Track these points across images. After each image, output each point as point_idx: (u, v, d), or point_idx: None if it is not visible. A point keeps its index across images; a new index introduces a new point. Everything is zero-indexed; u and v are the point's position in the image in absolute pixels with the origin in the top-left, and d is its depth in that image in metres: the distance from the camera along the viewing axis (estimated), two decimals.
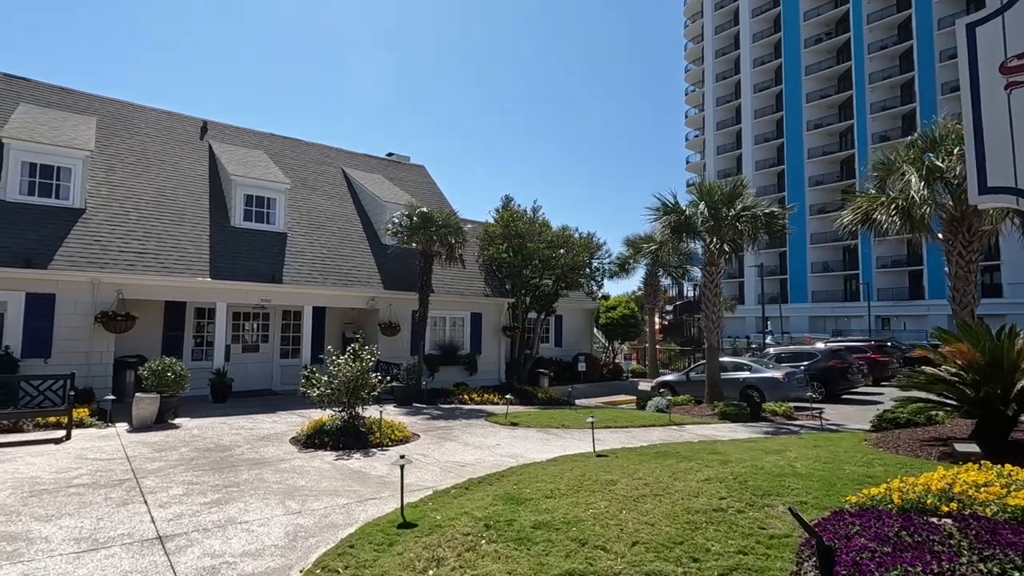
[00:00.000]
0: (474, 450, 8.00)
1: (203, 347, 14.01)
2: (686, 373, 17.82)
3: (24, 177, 11.76)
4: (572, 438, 9.16)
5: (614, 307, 23.38)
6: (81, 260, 11.25)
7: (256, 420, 10.28)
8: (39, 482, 5.84)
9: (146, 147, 15.40)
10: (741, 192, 13.34)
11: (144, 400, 9.21)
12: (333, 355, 8.59)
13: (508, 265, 16.85)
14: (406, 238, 14.33)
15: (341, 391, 8.35)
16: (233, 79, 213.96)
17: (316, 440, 8.03)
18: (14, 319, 10.50)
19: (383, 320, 14.99)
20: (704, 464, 6.49)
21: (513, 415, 11.22)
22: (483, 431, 9.66)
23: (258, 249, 14.02)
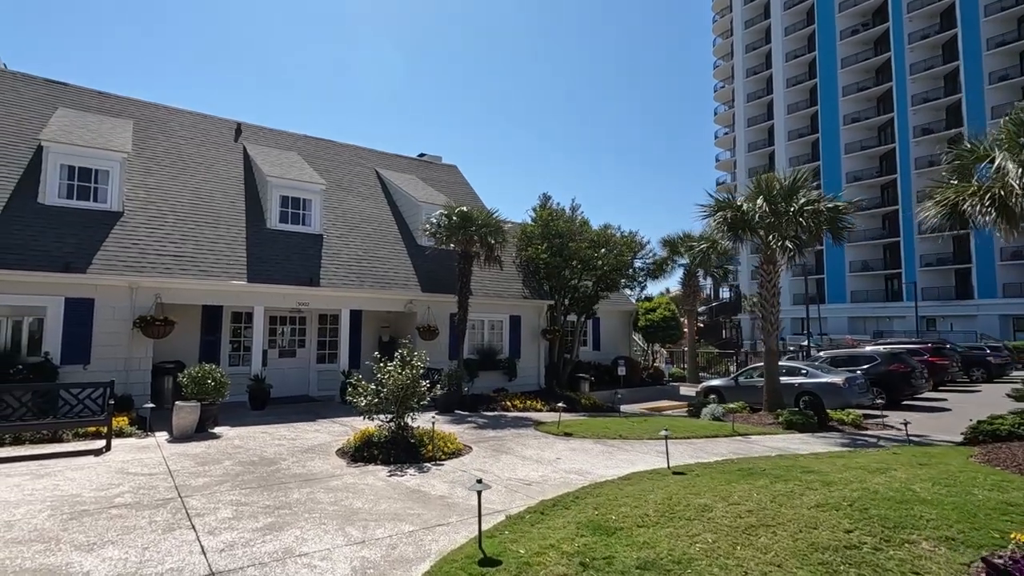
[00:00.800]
0: (534, 465, 7.37)
1: (240, 352, 13.70)
2: (734, 378, 16.92)
3: (63, 180, 11.58)
4: (635, 451, 8.47)
5: (653, 309, 22.53)
6: (119, 264, 11.00)
7: (297, 429, 9.84)
8: (79, 501, 5.41)
9: (181, 149, 15.22)
10: (803, 185, 12.47)
11: (184, 409, 8.83)
12: (380, 362, 8.07)
13: (548, 266, 16.20)
14: (445, 238, 13.81)
15: (390, 400, 7.82)
16: (238, 76, 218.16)
17: (365, 453, 7.50)
18: (53, 324, 10.27)
19: (421, 323, 14.49)
20: (804, 486, 5.75)
21: (565, 424, 10.57)
22: (537, 442, 9.03)
23: (294, 251, 13.66)
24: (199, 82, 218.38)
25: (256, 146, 16.76)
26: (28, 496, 5.54)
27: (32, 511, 5.09)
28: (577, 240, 15.89)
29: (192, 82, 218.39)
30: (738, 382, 16.47)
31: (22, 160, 12.15)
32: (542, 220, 16.58)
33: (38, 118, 13.37)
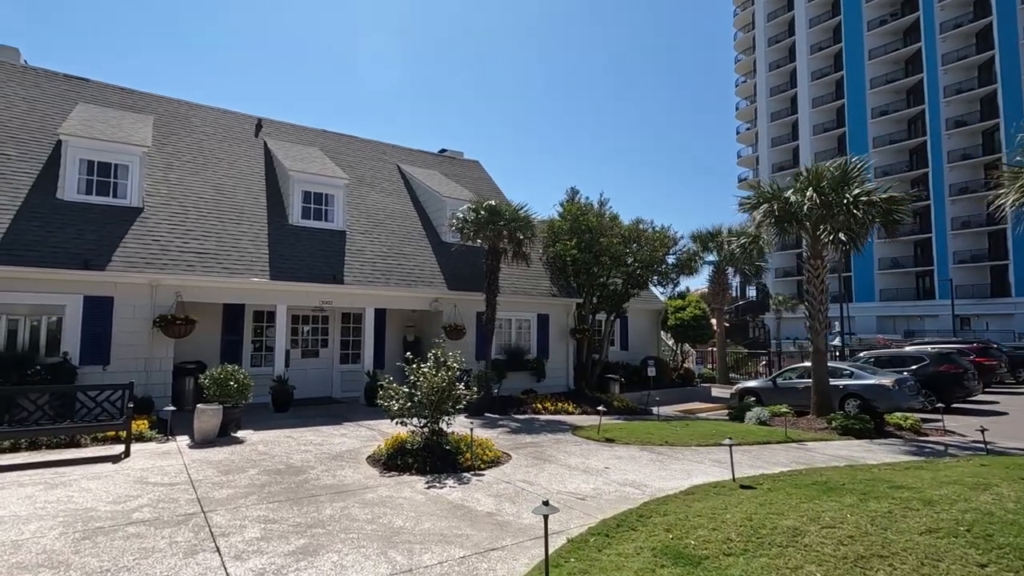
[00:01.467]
0: (582, 475, 6.76)
1: (262, 352, 13.29)
2: (772, 379, 16.10)
3: (82, 175, 11.25)
4: (687, 459, 7.81)
5: (683, 307, 21.73)
6: (140, 261, 10.62)
7: (323, 433, 9.34)
8: (94, 516, 4.92)
9: (202, 145, 14.88)
10: (855, 175, 11.66)
11: (206, 412, 8.38)
12: (412, 362, 7.52)
13: (577, 262, 15.57)
14: (473, 233, 13.25)
15: (423, 404, 7.26)
16: (249, 68, 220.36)
17: (398, 461, 6.95)
18: (72, 324, 9.91)
19: (448, 322, 13.95)
20: (903, 506, 5.05)
21: (605, 429, 9.93)
22: (578, 449, 8.42)
23: (318, 248, 13.21)
24: (214, 78, 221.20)
25: (277, 141, 16.37)
26: (40, 510, 5.08)
27: (43, 528, 4.62)
28: (608, 235, 15.22)
29: (208, 78, 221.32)
30: (776, 384, 15.66)
31: (41, 155, 11.86)
32: (571, 215, 15.95)
33: (59, 114, 13.10)
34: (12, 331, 9.64)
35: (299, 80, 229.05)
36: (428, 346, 15.02)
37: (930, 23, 50.55)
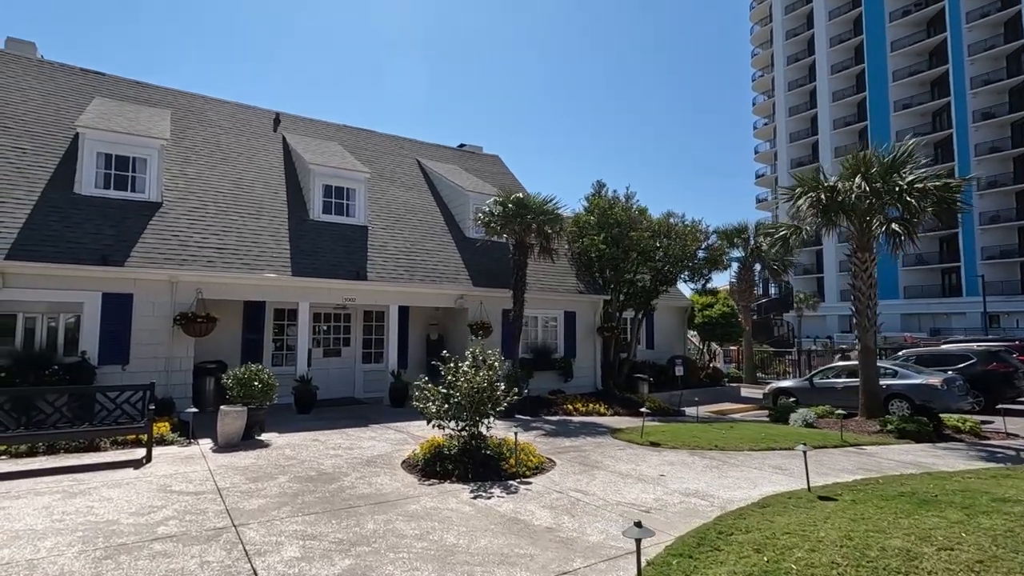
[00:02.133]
0: (637, 483, 6.21)
1: (283, 351, 12.89)
2: (808, 379, 15.42)
3: (99, 169, 10.90)
4: (745, 465, 7.23)
5: (710, 304, 21.07)
6: (159, 257, 10.24)
7: (351, 436, 8.88)
8: (117, 531, 4.47)
9: (220, 139, 14.52)
10: (907, 160, 10.98)
11: (230, 414, 7.94)
12: (450, 361, 7.03)
13: (606, 258, 15.01)
14: (500, 227, 12.75)
15: (462, 406, 6.76)
16: (265, 68, 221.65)
17: (437, 467, 6.46)
18: (90, 322, 9.54)
19: (474, 320, 13.45)
20: (1019, 521, 4.46)
21: (648, 432, 9.36)
22: (624, 454, 7.87)
23: (339, 244, 12.78)
24: (231, 71, 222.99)
25: (296, 136, 15.99)
26: (58, 523, 4.64)
27: (61, 545, 4.17)
28: (638, 229, 14.64)
29: (224, 71, 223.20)
30: (813, 383, 15.00)
31: (58, 149, 11.53)
32: (599, 208, 15.38)
33: (75, 108, 12.79)
34: (29, 330, 9.29)
35: (316, 76, 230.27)
36: (452, 345, 14.59)
37: (955, 13, 49.18)
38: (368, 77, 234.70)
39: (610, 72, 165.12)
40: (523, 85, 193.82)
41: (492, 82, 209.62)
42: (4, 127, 11.34)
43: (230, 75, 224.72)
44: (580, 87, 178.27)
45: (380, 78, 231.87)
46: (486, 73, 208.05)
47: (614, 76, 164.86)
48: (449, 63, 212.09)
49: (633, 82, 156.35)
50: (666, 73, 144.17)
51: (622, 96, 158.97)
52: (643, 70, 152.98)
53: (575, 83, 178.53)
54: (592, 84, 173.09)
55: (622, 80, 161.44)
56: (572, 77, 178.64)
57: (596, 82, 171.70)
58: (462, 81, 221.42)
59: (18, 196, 10.00)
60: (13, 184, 10.16)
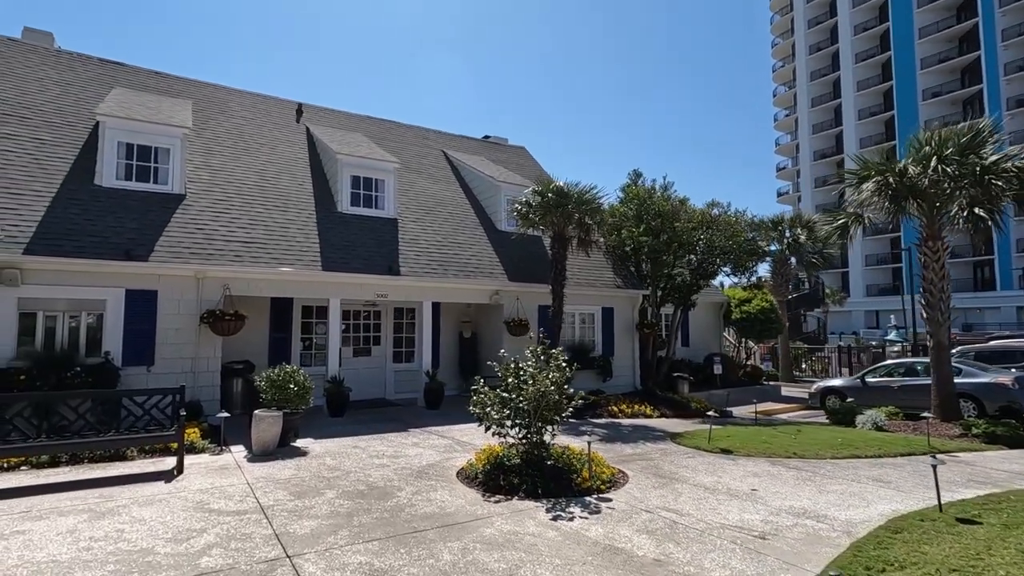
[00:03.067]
0: (729, 500, 5.46)
1: (311, 351, 12.27)
2: (860, 377, 14.55)
3: (120, 160, 10.33)
4: (839, 477, 6.45)
5: (748, 299, 20.14)
6: (184, 251, 9.65)
7: (392, 443, 8.22)
8: (153, 564, 3.82)
9: (242, 130, 13.93)
10: (985, 140, 10.07)
11: (265, 420, 7.31)
12: (512, 361, 6.33)
13: (646, 251, 14.21)
14: (539, 218, 12.01)
15: (524, 411, 6.06)
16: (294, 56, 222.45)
17: (500, 481, 5.76)
18: (113, 320, 8.97)
19: (510, 317, 12.74)
20: None
21: (716, 438, 8.59)
22: (697, 463, 7.12)
23: (369, 237, 12.12)
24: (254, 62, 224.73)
25: (319, 127, 15.38)
26: (85, 552, 4.01)
27: None
28: (682, 220, 13.83)
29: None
30: (865, 382, 14.15)
31: (77, 140, 10.99)
32: (637, 199, 14.58)
33: (94, 98, 12.24)
34: (50, 328, 8.73)
35: (333, 67, 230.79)
36: (486, 343, 13.92)
37: None
38: (385, 71, 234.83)
39: (623, 67, 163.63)
40: (532, 74, 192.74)
41: (508, 74, 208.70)
42: (22, 117, 10.82)
43: (248, 69, 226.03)
44: (592, 85, 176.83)
45: (393, 72, 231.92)
46: (502, 64, 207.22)
47: (627, 71, 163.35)
48: (467, 55, 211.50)
49: (647, 74, 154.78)
50: (679, 63, 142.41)
51: (635, 90, 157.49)
52: (656, 59, 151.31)
53: (588, 78, 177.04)
54: (604, 84, 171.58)
55: (635, 74, 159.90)
56: (584, 71, 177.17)
57: (608, 80, 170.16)
58: (481, 73, 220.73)
59: (37, 188, 9.45)
60: (32, 176, 9.62)
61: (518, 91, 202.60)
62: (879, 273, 55.43)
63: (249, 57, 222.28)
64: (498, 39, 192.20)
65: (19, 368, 8.02)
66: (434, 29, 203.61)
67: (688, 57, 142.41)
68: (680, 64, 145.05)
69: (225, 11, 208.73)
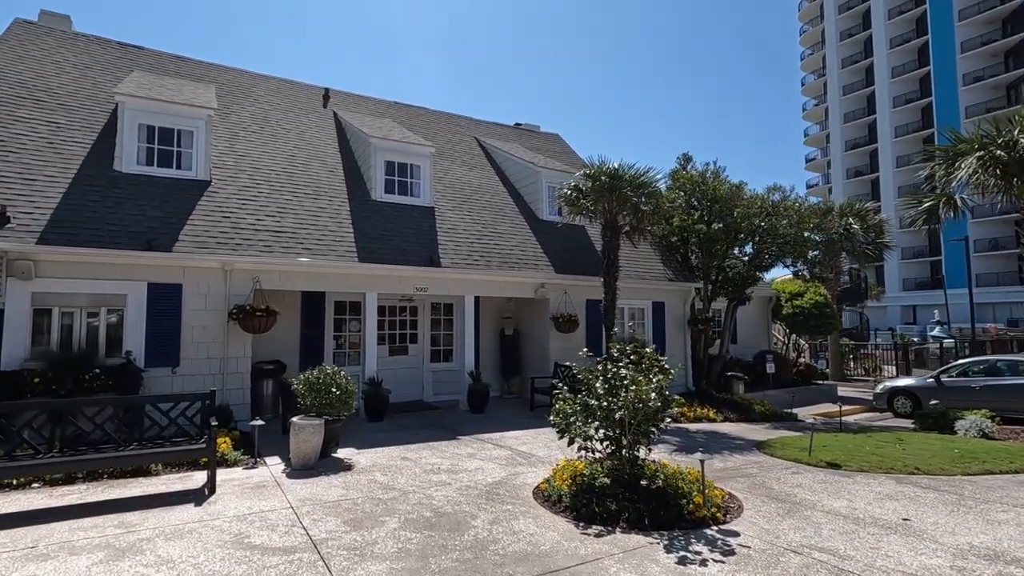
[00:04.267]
0: (885, 535, 4.40)
1: (344, 349, 11.39)
2: (935, 377, 13.30)
3: (141, 143, 9.52)
4: (994, 500, 5.34)
5: (799, 293, 18.87)
6: (210, 241, 8.80)
7: (444, 453, 7.27)
8: None
9: (268, 115, 13.10)
10: None
11: (306, 429, 6.40)
12: (604, 361, 5.34)
13: (702, 239, 13.11)
14: (591, 204, 10.98)
15: (623, 422, 5.06)
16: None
17: (594, 507, 4.76)
18: (135, 317, 8.15)
19: (558, 312, 11.74)
20: None
21: (805, 446, 7.50)
22: (808, 481, 6.05)
23: (406, 226, 11.20)
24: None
25: (348, 112, 14.51)
26: None
27: None
28: (743, 206, 12.69)
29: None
30: (941, 382, 12.91)
31: (95, 124, 10.22)
32: (690, 183, 13.46)
33: (113, 81, 11.48)
34: (66, 326, 7.94)
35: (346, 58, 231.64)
36: (529, 341, 12.93)
37: None
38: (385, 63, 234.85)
39: (648, 54, 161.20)
40: (543, 61, 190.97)
41: (530, 59, 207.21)
42: (36, 100, 10.08)
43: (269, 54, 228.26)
44: (617, 74, 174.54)
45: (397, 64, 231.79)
46: (522, 51, 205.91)
47: (650, 59, 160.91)
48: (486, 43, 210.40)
49: (673, 62, 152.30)
50: (706, 53, 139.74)
51: (664, 77, 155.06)
52: (670, 55, 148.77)
53: (602, 69, 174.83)
54: (619, 77, 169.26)
55: (664, 61, 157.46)
56: (599, 62, 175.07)
57: (631, 71, 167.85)
58: (506, 57, 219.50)
59: (51, 174, 8.67)
60: (45, 160, 8.84)
61: (516, 85, 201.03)
62: (916, 267, 53.35)
63: (271, 44, 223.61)
64: (486, 35, 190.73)
65: (33, 370, 7.24)
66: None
67: (711, 46, 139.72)
68: (698, 61, 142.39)
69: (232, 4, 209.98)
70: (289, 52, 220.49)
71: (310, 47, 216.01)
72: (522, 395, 12.67)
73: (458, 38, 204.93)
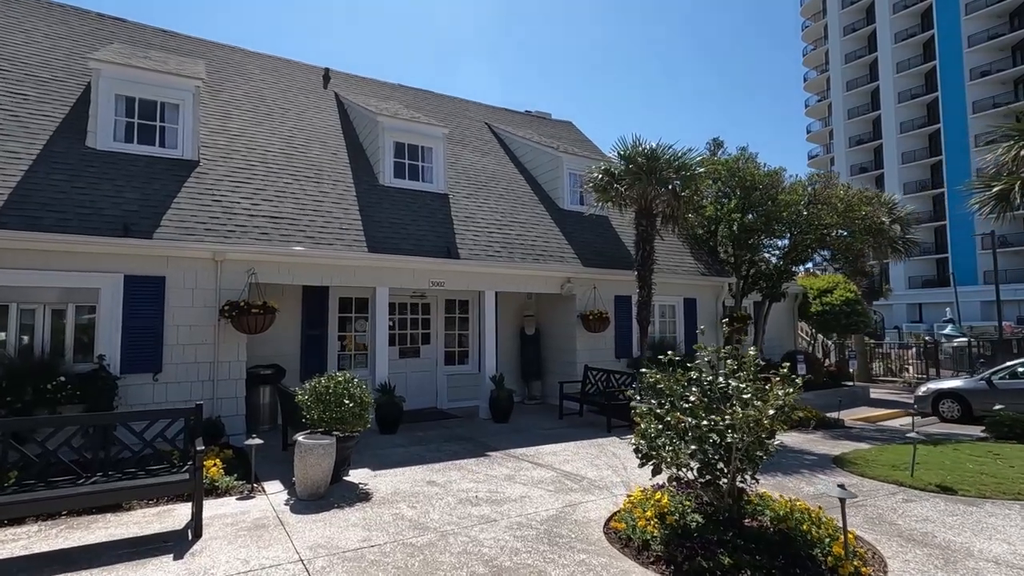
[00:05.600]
0: None
1: (349, 352, 10.22)
2: (986, 379, 12.30)
3: (120, 117, 8.32)
4: None
5: (829, 289, 17.84)
6: (198, 227, 7.62)
7: (476, 475, 6.13)
8: None
9: (264, 94, 11.91)
10: None
11: (313, 452, 5.23)
12: (704, 364, 4.23)
13: (738, 230, 12.04)
14: (625, 188, 9.86)
15: (731, 447, 3.94)
16: None
17: (699, 561, 3.64)
18: (108, 315, 6.96)
19: (587, 309, 10.62)
20: None
21: (896, 464, 6.40)
22: (930, 512, 4.95)
23: (420, 215, 10.05)
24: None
25: (350, 93, 13.33)
26: None
27: None
28: (787, 192, 11.62)
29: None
30: (993, 384, 11.92)
31: (68, 97, 9.01)
32: (726, 170, 12.38)
33: (90, 52, 10.25)
34: (27, 326, 6.74)
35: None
36: (552, 341, 11.73)
37: None
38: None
39: (651, 48, 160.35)
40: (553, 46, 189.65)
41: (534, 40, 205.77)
42: (0, 70, 8.85)
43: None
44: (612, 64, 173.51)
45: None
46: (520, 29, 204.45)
47: (652, 53, 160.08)
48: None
49: (669, 62, 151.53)
50: (704, 51, 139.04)
51: (659, 75, 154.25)
52: (680, 45, 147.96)
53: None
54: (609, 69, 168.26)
55: (658, 57, 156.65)
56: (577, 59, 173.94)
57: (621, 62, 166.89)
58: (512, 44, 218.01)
59: (13, 149, 7.45)
60: (7, 134, 7.62)
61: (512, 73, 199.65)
62: (922, 264, 52.61)
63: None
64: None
65: None
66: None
67: (709, 44, 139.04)
68: (702, 51, 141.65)
69: None
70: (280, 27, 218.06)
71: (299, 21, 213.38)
72: (544, 401, 11.56)
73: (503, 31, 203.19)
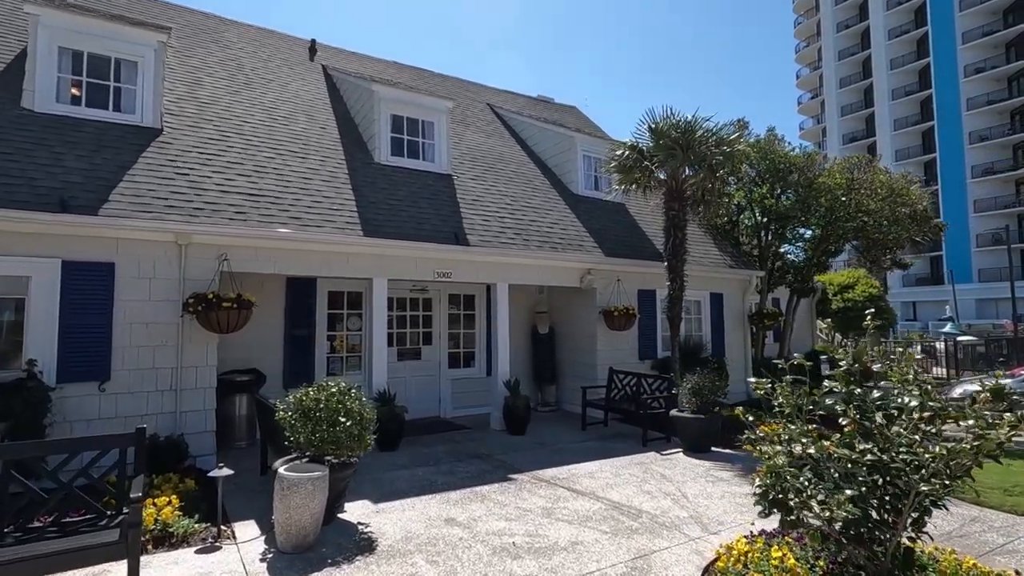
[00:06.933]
0: None
1: (340, 354, 8.89)
2: None
3: (62, 74, 6.94)
4: None
5: (850, 285, 16.89)
6: (158, 203, 6.27)
7: (505, 507, 4.88)
8: None
9: (242, 62, 10.54)
10: None
11: (300, 489, 3.93)
12: (900, 378, 3.05)
13: (774, 216, 10.94)
14: (657, 165, 8.68)
15: (910, 492, 2.74)
16: None
17: None
18: (42, 309, 5.59)
19: (611, 305, 9.41)
20: None
21: (1009, 488, 5.29)
22: None
23: (421, 196, 8.76)
24: None
25: (339, 67, 12.01)
26: None
27: None
28: (827, 176, 10.54)
29: None
30: None
31: (6, 54, 7.62)
32: (757, 152, 11.25)
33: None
34: None
35: None
36: (568, 341, 10.38)
37: None
38: None
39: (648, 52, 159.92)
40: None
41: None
42: None
43: None
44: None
45: None
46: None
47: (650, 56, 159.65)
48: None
49: (665, 60, 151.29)
50: (695, 50, 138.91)
51: (652, 75, 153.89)
52: (673, 44, 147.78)
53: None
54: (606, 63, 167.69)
55: (656, 56, 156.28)
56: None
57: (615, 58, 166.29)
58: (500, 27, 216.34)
59: None
60: None
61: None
62: (917, 262, 52.29)
63: None
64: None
65: None
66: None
67: (700, 43, 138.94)
68: (695, 50, 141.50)
69: None
70: None
71: None
72: (559, 407, 10.35)
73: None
